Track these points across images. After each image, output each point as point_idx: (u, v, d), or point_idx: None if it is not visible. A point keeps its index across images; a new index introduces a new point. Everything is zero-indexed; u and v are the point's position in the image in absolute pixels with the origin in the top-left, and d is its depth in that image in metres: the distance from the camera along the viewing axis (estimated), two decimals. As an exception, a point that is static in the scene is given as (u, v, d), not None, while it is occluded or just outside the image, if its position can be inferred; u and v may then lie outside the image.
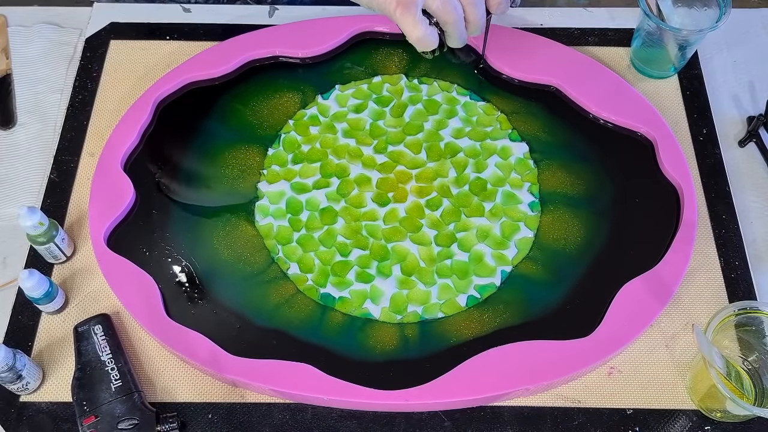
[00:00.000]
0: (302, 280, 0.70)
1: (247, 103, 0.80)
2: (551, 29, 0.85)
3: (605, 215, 0.73)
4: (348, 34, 0.83)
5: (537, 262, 0.70)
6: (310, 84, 0.81)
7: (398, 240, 0.72)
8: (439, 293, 0.69)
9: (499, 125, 0.78)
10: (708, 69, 0.83)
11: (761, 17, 0.88)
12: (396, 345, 0.66)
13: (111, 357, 0.64)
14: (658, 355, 0.67)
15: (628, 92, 0.78)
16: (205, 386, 0.66)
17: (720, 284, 0.70)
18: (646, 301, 0.67)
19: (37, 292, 0.65)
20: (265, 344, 0.66)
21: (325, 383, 0.63)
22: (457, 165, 0.76)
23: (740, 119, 0.80)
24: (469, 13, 0.66)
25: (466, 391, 0.63)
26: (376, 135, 0.78)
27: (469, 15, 0.67)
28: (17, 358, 0.62)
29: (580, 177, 0.75)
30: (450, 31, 0.67)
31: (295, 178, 0.75)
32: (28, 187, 0.76)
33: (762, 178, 0.76)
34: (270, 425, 0.64)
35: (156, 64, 0.83)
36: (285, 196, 0.74)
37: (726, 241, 0.72)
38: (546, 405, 0.65)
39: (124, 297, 0.67)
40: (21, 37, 0.86)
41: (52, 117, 0.81)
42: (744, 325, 0.64)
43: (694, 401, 0.64)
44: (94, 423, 0.61)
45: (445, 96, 0.80)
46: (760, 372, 0.64)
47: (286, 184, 0.75)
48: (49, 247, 0.68)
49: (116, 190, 0.73)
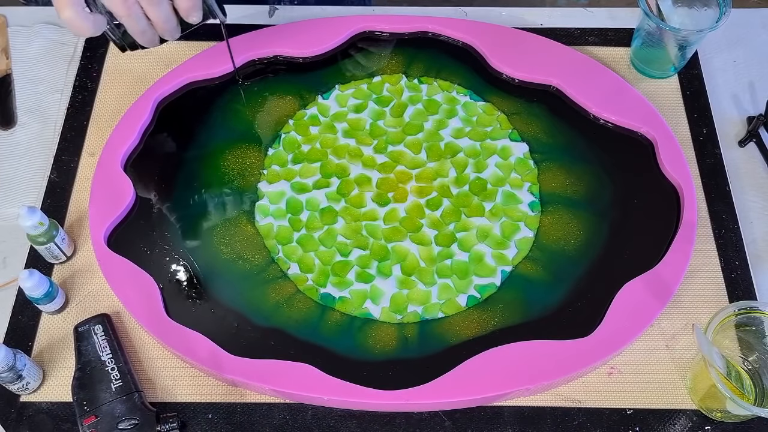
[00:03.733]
0: (302, 280, 0.70)
1: (247, 103, 0.80)
2: (551, 29, 0.85)
3: (605, 215, 0.73)
4: (348, 34, 0.83)
5: (537, 262, 0.70)
6: (310, 84, 0.81)
7: (398, 240, 0.72)
8: (439, 293, 0.69)
9: (499, 125, 0.78)
10: (708, 69, 0.83)
11: (761, 17, 0.88)
12: (396, 345, 0.66)
13: (111, 357, 0.64)
14: (658, 355, 0.67)
15: (628, 92, 0.78)
16: (205, 386, 0.66)
17: (720, 284, 0.70)
18: (646, 301, 0.67)
19: (37, 292, 0.65)
20: (264, 344, 0.66)
21: (325, 383, 0.63)
22: (457, 165, 0.76)
23: (740, 119, 0.80)
24: (148, 12, 0.62)
25: (466, 391, 0.63)
26: (376, 135, 0.78)
27: (148, 13, 0.62)
28: (17, 358, 0.62)
29: (580, 177, 0.75)
30: (128, 26, 0.63)
31: (295, 178, 0.75)
32: (28, 187, 0.76)
33: (762, 178, 0.76)
34: (270, 425, 0.64)
35: (156, 64, 0.83)
36: (285, 196, 0.74)
37: (726, 241, 0.72)
38: (546, 405, 0.65)
39: (124, 297, 0.67)
40: (21, 37, 0.86)
41: (52, 117, 0.81)
42: (744, 325, 0.64)
43: (694, 401, 0.65)
44: (94, 423, 0.61)
45: (445, 96, 0.80)
46: (760, 372, 0.64)
47: (286, 184, 0.75)
48: (49, 247, 0.68)
49: (116, 190, 0.73)
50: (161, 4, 0.62)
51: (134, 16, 0.61)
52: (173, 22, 0.64)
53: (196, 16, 0.64)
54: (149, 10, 0.62)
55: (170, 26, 0.64)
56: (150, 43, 0.65)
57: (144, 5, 0.61)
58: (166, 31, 0.64)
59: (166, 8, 0.62)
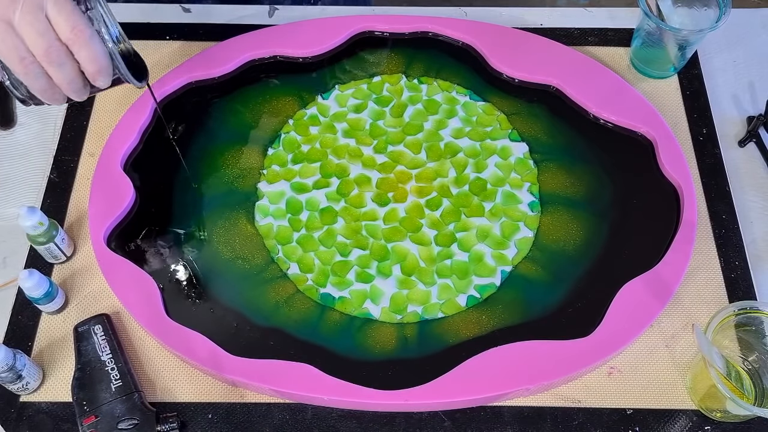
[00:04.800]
0: (302, 280, 0.70)
1: (247, 103, 0.80)
2: (551, 29, 0.85)
3: (605, 215, 0.73)
4: (348, 34, 0.83)
5: (537, 262, 0.70)
6: (310, 84, 0.81)
7: (398, 240, 0.72)
8: (439, 293, 0.69)
9: (499, 125, 0.78)
10: (708, 69, 0.83)
11: (761, 17, 0.88)
12: (396, 345, 0.66)
13: (111, 357, 0.64)
14: (658, 355, 0.67)
15: (628, 92, 0.78)
16: (205, 386, 0.66)
17: (720, 284, 0.70)
18: (646, 301, 0.67)
19: (37, 292, 0.65)
20: (264, 344, 0.66)
21: (324, 383, 0.63)
22: (457, 165, 0.76)
23: (740, 119, 0.80)
24: (50, 72, 0.56)
25: (466, 391, 0.63)
26: (376, 135, 0.78)
27: (50, 74, 0.56)
28: (17, 358, 0.62)
29: (580, 177, 0.75)
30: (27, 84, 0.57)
31: (295, 178, 0.75)
32: (28, 187, 0.76)
33: (762, 178, 0.76)
34: (270, 425, 0.64)
35: (156, 64, 0.83)
36: (285, 196, 0.74)
37: (726, 241, 0.72)
38: (546, 405, 0.65)
39: (124, 297, 0.67)
40: (21, 37, 0.86)
41: (52, 117, 0.81)
42: (744, 325, 0.64)
43: (694, 401, 0.64)
44: (94, 423, 0.61)
45: (445, 96, 0.80)
46: (760, 372, 0.64)
47: (286, 184, 0.75)
48: (49, 247, 0.68)
49: (116, 190, 0.73)
50: (63, 66, 0.56)
51: (32, 74, 0.56)
52: (78, 84, 0.58)
53: (102, 81, 0.58)
54: (50, 71, 0.56)
55: (75, 87, 0.58)
56: (55, 101, 0.59)
57: (45, 65, 0.55)
58: (71, 93, 0.58)
59: (69, 70, 0.56)
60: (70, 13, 0.54)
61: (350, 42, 0.84)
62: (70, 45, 0.55)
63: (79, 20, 0.55)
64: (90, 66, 0.56)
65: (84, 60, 0.56)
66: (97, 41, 0.56)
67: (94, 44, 0.56)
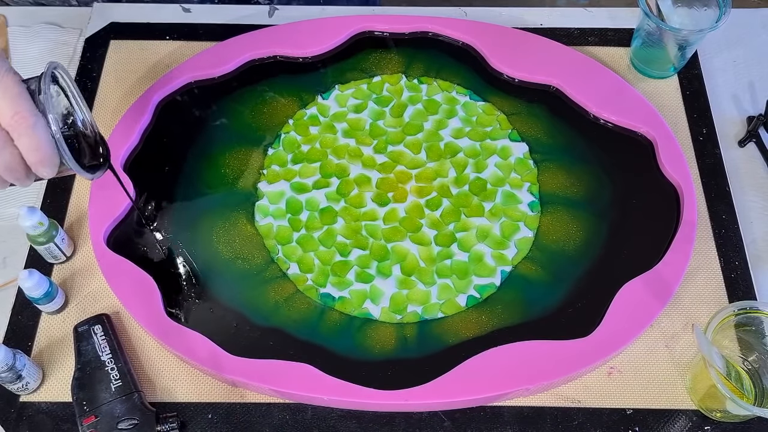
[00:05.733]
0: (302, 280, 0.70)
1: (247, 103, 0.80)
2: (551, 29, 0.85)
3: (605, 215, 0.73)
4: (348, 34, 0.83)
5: (537, 262, 0.70)
6: (310, 84, 0.81)
7: (398, 240, 0.72)
8: (438, 293, 0.69)
9: (499, 125, 0.78)
10: (708, 69, 0.83)
11: (761, 17, 0.88)
12: (396, 345, 0.66)
13: (111, 357, 0.64)
14: (658, 355, 0.67)
15: (628, 92, 0.78)
16: (205, 386, 0.66)
17: (720, 284, 0.70)
18: (645, 301, 0.67)
19: (37, 292, 0.65)
20: (264, 344, 0.66)
21: (324, 383, 0.63)
22: (456, 165, 0.76)
23: (740, 119, 0.80)
24: None
25: (466, 391, 0.63)
26: (376, 135, 0.78)
27: None
28: (17, 358, 0.62)
29: (580, 177, 0.75)
30: None
31: (295, 178, 0.75)
32: (28, 187, 0.76)
33: (762, 178, 0.76)
34: (270, 425, 0.64)
35: (156, 64, 0.83)
36: (285, 196, 0.74)
37: (726, 241, 0.72)
38: (546, 405, 0.65)
39: (124, 297, 0.67)
40: (21, 37, 0.86)
41: (52, 117, 0.80)
42: (744, 325, 0.64)
43: (694, 401, 0.64)
44: (94, 423, 0.61)
45: (445, 96, 0.80)
46: (760, 372, 0.64)
47: (286, 184, 0.75)
48: (49, 247, 0.68)
49: (116, 190, 0.73)
50: (2, 151, 0.51)
51: None
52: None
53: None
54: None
55: (16, 176, 0.53)
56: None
57: None
58: (12, 180, 0.54)
59: (9, 157, 0.52)
60: (14, 97, 0.51)
61: (350, 42, 0.84)
62: (11, 131, 0.51)
63: (23, 105, 0.51)
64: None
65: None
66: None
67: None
